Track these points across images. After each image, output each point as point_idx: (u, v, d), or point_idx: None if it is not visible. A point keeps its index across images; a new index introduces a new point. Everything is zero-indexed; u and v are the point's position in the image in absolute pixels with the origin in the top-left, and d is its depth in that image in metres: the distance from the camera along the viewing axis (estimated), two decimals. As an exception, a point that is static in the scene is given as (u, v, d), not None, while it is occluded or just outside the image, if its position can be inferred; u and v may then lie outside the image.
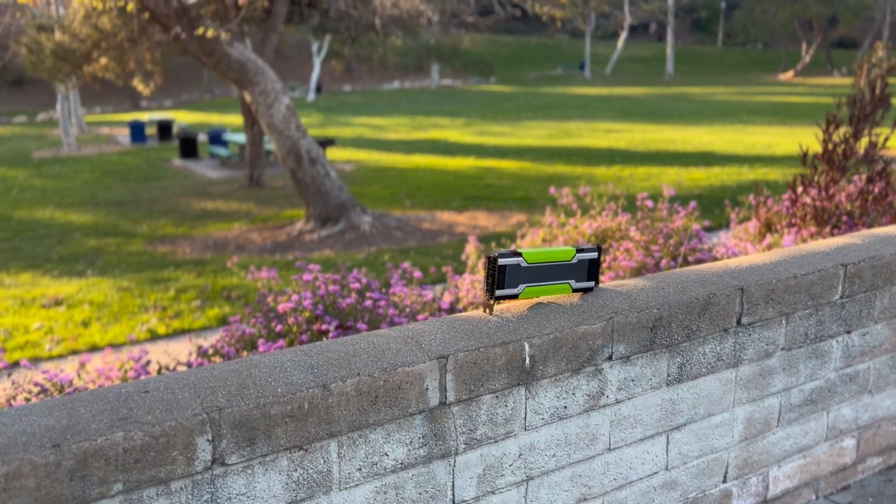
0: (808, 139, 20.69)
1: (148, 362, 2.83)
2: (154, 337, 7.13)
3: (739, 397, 2.14)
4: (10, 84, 44.85)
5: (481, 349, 1.63)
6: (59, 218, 13.95)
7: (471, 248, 4.55)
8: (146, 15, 10.96)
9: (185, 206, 14.57)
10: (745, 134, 22.31)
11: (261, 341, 2.76)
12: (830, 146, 4.94)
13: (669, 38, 50.82)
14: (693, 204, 4.17)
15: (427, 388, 1.57)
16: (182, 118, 31.14)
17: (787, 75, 49.04)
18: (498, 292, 1.73)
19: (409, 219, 12.21)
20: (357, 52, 22.39)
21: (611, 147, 19.97)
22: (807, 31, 53.16)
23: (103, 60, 15.91)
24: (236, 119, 27.81)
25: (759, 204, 5.13)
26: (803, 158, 4.93)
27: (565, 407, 1.80)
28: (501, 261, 1.72)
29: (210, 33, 9.58)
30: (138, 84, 16.94)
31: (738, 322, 2.06)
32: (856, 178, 5.08)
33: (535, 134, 23.14)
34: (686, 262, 3.56)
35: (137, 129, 24.55)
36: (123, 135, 26.60)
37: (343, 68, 34.86)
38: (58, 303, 8.39)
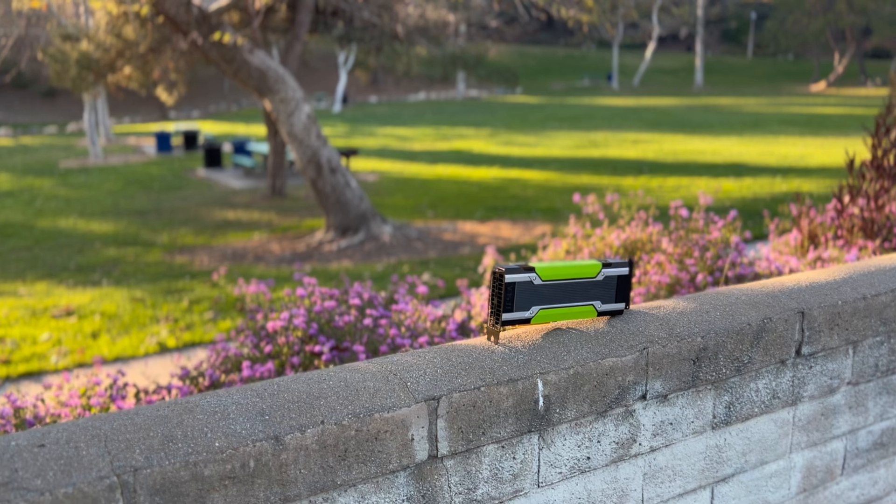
0: (842, 150, 20.12)
1: (125, 385, 2.54)
2: (163, 350, 6.89)
3: (798, 441, 1.79)
4: (43, 95, 45.47)
5: (483, 388, 1.30)
6: (81, 227, 13.85)
7: (489, 260, 4.22)
8: (161, 19, 10.81)
9: (205, 216, 14.41)
10: (777, 145, 21.76)
11: (246, 364, 2.46)
12: (880, 152, 4.55)
13: (699, 48, 50.23)
14: (733, 213, 3.81)
15: (413, 439, 1.25)
16: (209, 129, 31.21)
17: (819, 86, 48.18)
18: (505, 316, 1.41)
19: (430, 230, 11.92)
20: (382, 62, 22.21)
21: (638, 158, 19.55)
22: (839, 42, 52.25)
23: (127, 70, 15.86)
24: (262, 130, 27.76)
25: (802, 214, 4.75)
26: (850, 166, 4.54)
27: (588, 458, 1.47)
28: (509, 277, 1.40)
29: (227, 38, 9.38)
30: (162, 93, 16.86)
31: (798, 352, 1.72)
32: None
33: (560, 144, 22.79)
34: (726, 279, 3.21)
35: (163, 140, 24.58)
36: (150, 145, 26.68)
37: (368, 78, 34.79)
38: (69, 313, 8.19)
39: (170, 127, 30.07)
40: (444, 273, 8.74)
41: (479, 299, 3.37)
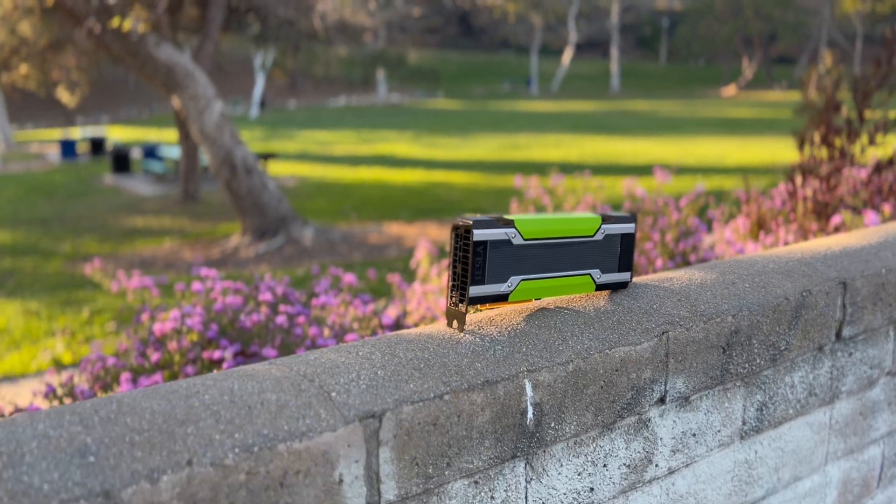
0: (757, 150, 20.55)
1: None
2: (58, 366, 6.18)
3: (834, 450, 1.41)
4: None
5: (447, 396, 0.86)
6: (-28, 237, 12.76)
7: (422, 254, 3.78)
8: (49, 2, 9.97)
9: (112, 224, 13.53)
10: (695, 146, 22.10)
11: (125, 377, 1.94)
12: (825, 134, 4.32)
13: (614, 54, 51.12)
14: (700, 188, 3.47)
15: (341, 481, 0.79)
16: (118, 134, 29.81)
17: (730, 90, 49.66)
18: (474, 291, 0.97)
19: (354, 232, 11.41)
20: (300, 63, 21.52)
21: (561, 160, 19.48)
22: (748, 48, 54.05)
23: (23, 68, 14.81)
24: (175, 135, 26.66)
25: (750, 200, 4.50)
26: (800, 144, 4.29)
27: (591, 489, 1.04)
28: (479, 233, 0.96)
29: (127, 24, 8.67)
30: (63, 94, 15.81)
31: (838, 335, 1.34)
32: (854, 170, 4.48)
33: (484, 146, 22.59)
34: (688, 264, 2.86)
35: (68, 146, 23.29)
36: (54, 152, 25.22)
37: (286, 80, 33.89)
38: (-48, 330, 7.35)
39: (75, 133, 28.56)
40: (372, 283, 8.26)
41: (415, 295, 2.93)
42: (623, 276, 1.12)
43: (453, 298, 0.99)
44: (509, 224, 0.99)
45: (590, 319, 1.04)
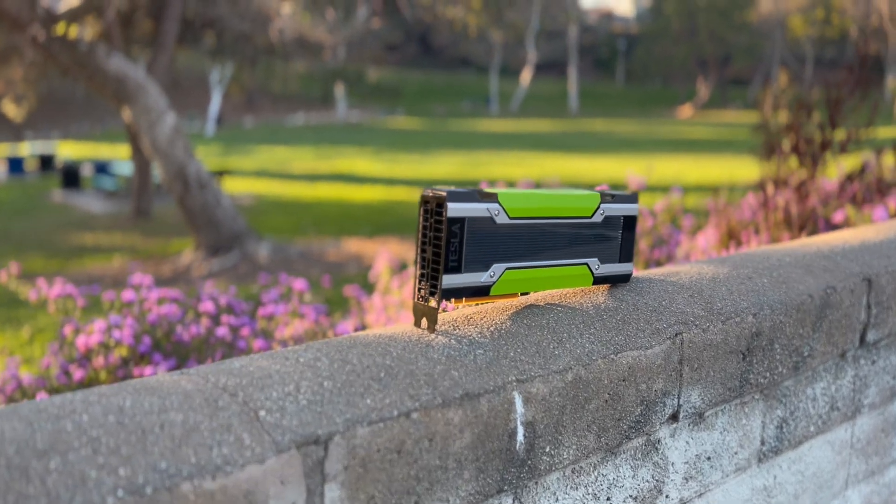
0: (714, 168, 20.79)
1: None
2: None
3: (855, 471, 1.24)
4: None
5: (415, 414, 0.66)
6: None
7: (381, 266, 3.57)
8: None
9: (60, 241, 13.06)
10: (653, 164, 22.30)
11: (41, 396, 1.71)
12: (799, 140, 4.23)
13: (572, 75, 51.67)
14: (676, 190, 3.33)
15: (273, 531, 0.58)
16: (70, 150, 29.08)
17: (686, 111, 50.47)
18: (447, 280, 0.77)
19: (312, 249, 11.13)
20: (257, 78, 21.21)
21: (523, 177, 19.44)
22: (703, 69, 55.07)
23: (-34, 81, 14.31)
24: (128, 150, 26.07)
25: (719, 210, 4.39)
26: (769, 150, 4.19)
27: (593, 528, 0.84)
28: (454, 207, 0.76)
29: (73, 32, 8.34)
30: (8, 107, 15.29)
31: (862, 339, 1.17)
32: (822, 181, 4.40)
33: (446, 163, 22.51)
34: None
35: (15, 163, 22.60)
36: (0, 169, 24.45)
37: (242, 94, 33.44)
38: None
39: (24, 148, 27.77)
40: (328, 293, 8.01)
41: (374, 306, 2.71)
42: (625, 268, 0.94)
43: (422, 291, 0.79)
44: (492, 198, 0.80)
45: (589, 318, 0.85)
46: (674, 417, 0.90)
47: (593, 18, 67.09)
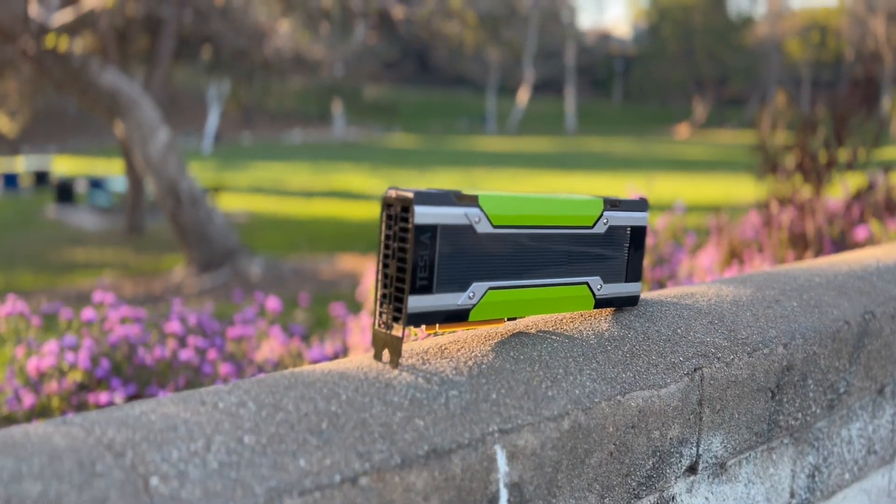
0: (711, 188, 20.76)
1: None
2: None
3: (892, 523, 1.08)
4: None
5: (364, 480, 0.50)
6: None
7: (370, 283, 3.42)
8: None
9: (51, 257, 12.90)
10: (650, 183, 22.25)
11: (-16, 427, 1.56)
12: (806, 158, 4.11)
13: (570, 94, 51.84)
14: (679, 206, 3.19)
15: None
16: (66, 165, 28.98)
17: (683, 131, 50.60)
18: (414, 303, 0.62)
19: (306, 266, 10.98)
20: (254, 95, 21.16)
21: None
22: (700, 89, 55.31)
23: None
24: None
25: (721, 229, 4.26)
26: (772, 168, 4.06)
27: None
28: (422, 212, 0.62)
29: (63, 44, 8.23)
30: (2, 122, 15.18)
31: (902, 372, 1.02)
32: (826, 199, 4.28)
33: (441, 181, 22.42)
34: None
35: (10, 178, 22.49)
36: (-5, 184, 24.32)
37: (240, 113, 33.44)
38: None
39: (19, 163, 27.67)
40: (320, 311, 7.85)
41: (359, 326, 2.56)
42: (633, 288, 0.79)
43: (384, 316, 0.64)
44: (471, 202, 0.65)
45: (590, 350, 0.70)
46: (692, 469, 0.75)
47: (591, 39, 67.48)
